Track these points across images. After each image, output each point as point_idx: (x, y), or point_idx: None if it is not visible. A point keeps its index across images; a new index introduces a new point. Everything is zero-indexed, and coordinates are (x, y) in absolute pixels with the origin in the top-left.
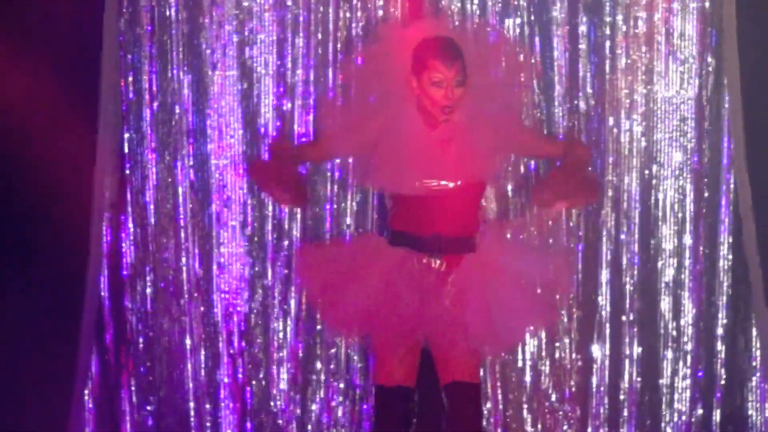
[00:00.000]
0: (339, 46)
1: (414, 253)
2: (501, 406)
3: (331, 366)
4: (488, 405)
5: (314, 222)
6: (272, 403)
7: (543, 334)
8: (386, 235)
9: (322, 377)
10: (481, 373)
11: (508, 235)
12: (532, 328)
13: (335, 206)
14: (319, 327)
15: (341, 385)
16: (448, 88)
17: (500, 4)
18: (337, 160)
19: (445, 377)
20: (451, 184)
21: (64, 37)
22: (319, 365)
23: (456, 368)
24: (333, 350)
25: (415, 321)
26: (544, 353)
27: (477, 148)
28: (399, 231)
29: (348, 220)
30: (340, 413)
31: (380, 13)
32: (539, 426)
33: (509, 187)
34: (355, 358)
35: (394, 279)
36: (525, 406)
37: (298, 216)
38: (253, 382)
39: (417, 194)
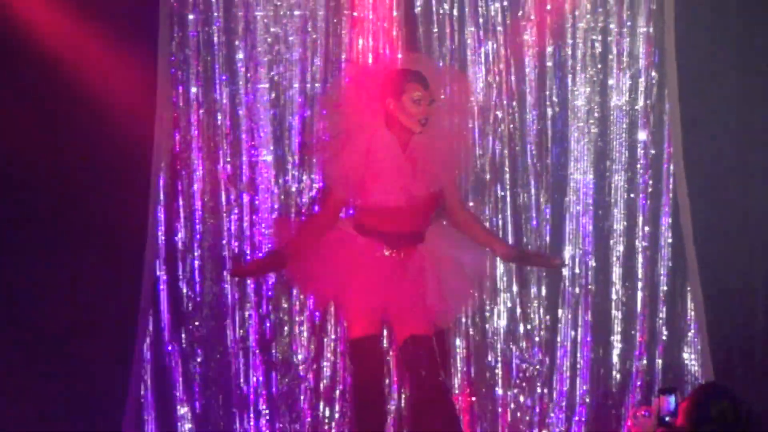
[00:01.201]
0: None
1: (379, 243)
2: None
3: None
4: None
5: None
6: (294, 358)
7: (517, 300)
8: (352, 223)
9: (333, 336)
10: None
11: (446, 230)
12: (468, 301)
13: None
14: None
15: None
16: (424, 105)
17: (481, 31)
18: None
19: (404, 333)
20: (420, 189)
21: (128, 57)
22: (329, 326)
23: (413, 326)
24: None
25: (380, 297)
26: (518, 315)
27: (436, 162)
28: (367, 227)
29: None
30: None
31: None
32: (515, 375)
33: None
34: None
35: (362, 263)
36: (501, 357)
37: (311, 194)
38: (278, 338)
39: (397, 205)
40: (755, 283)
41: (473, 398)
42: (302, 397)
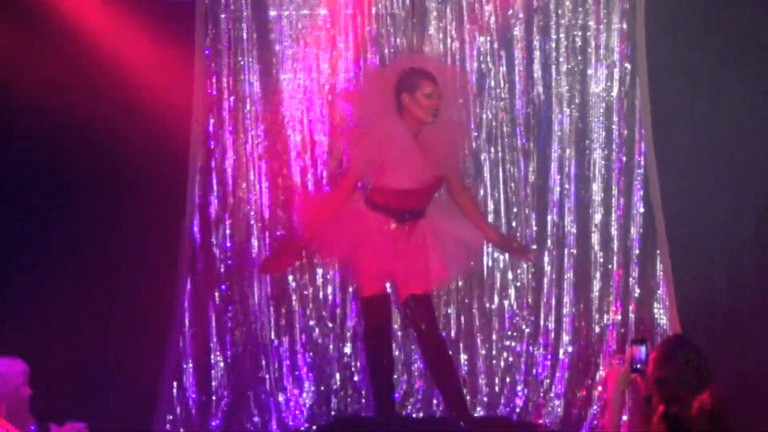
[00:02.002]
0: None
1: (386, 218)
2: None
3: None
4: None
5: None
6: (321, 311)
7: (509, 263)
8: (364, 198)
9: (350, 289)
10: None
11: (445, 206)
12: (468, 264)
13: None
14: None
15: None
16: (435, 98)
17: (475, 27)
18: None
19: (405, 293)
20: (431, 173)
21: (169, 52)
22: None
23: (413, 287)
24: None
25: (385, 263)
26: (509, 276)
27: (442, 149)
28: (377, 203)
29: None
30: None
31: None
32: (506, 327)
33: None
34: None
35: (371, 234)
36: (496, 312)
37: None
38: (305, 296)
39: (410, 187)
40: (717, 246)
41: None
42: (331, 346)
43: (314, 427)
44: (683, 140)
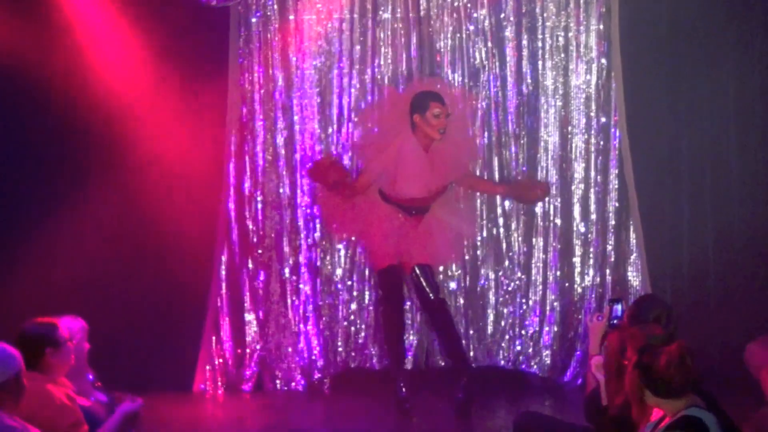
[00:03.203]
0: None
1: (397, 210)
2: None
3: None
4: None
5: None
6: (333, 277)
7: (501, 231)
8: (378, 191)
9: (357, 266)
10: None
11: (446, 201)
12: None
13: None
14: None
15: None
16: (443, 118)
17: (471, 29)
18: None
19: (411, 263)
20: (439, 183)
21: (207, 50)
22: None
23: (417, 259)
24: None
25: (395, 246)
26: (504, 246)
27: (451, 161)
28: (389, 197)
29: None
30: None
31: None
32: (500, 290)
33: None
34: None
35: (383, 219)
36: (493, 277)
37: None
38: (322, 264)
39: (419, 196)
40: (683, 216)
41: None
42: (340, 307)
43: (326, 379)
44: (653, 125)
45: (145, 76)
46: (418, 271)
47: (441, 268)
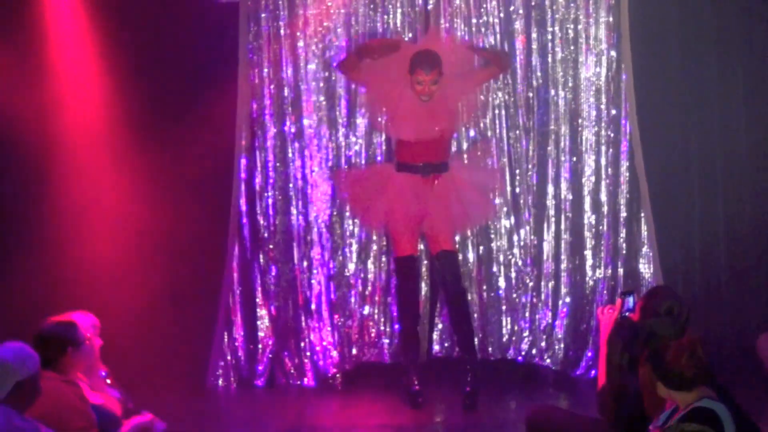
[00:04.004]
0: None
1: (413, 175)
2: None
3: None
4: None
5: (354, 154)
6: (345, 270)
7: (513, 224)
8: (394, 164)
9: (370, 260)
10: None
11: (465, 160)
12: (487, 212)
13: (367, 144)
14: None
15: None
16: (425, 86)
17: (481, 22)
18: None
19: (436, 248)
20: (434, 131)
21: (217, 46)
22: (375, 246)
23: (442, 242)
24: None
25: (417, 215)
26: (515, 238)
27: (448, 110)
28: (402, 162)
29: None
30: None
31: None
32: (512, 281)
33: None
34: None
35: (402, 191)
36: (503, 268)
37: (356, 149)
38: (334, 258)
39: (415, 139)
40: (695, 209)
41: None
42: (352, 300)
43: (339, 374)
44: (663, 117)
45: (157, 72)
46: (442, 258)
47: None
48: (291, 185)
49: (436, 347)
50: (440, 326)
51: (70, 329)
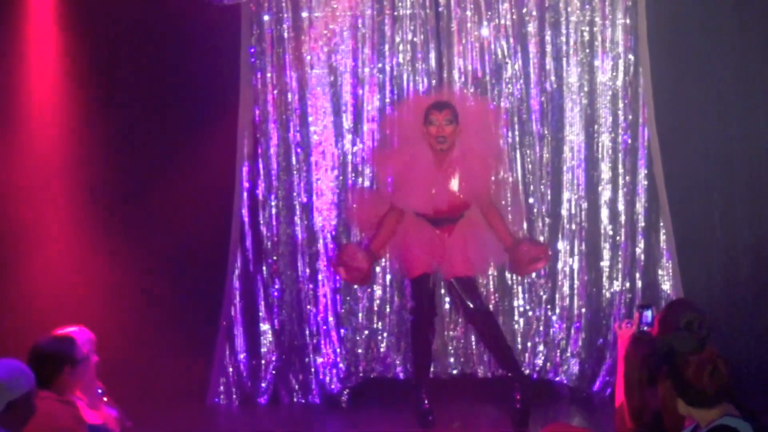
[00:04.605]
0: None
1: (425, 222)
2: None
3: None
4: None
5: (362, 162)
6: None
7: (526, 235)
8: None
9: (377, 269)
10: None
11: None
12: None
13: None
14: None
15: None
16: (440, 126)
17: (493, 25)
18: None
19: (450, 275)
20: (449, 199)
21: (218, 50)
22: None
23: (457, 270)
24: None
25: (429, 258)
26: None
27: (470, 176)
28: (418, 212)
29: None
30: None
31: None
32: (526, 295)
33: None
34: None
35: (418, 231)
36: (516, 281)
37: (363, 156)
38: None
39: (424, 212)
40: (715, 216)
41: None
42: (360, 314)
43: (346, 391)
44: (682, 122)
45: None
46: (458, 285)
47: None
48: (295, 194)
49: (450, 361)
50: (454, 343)
51: (67, 346)
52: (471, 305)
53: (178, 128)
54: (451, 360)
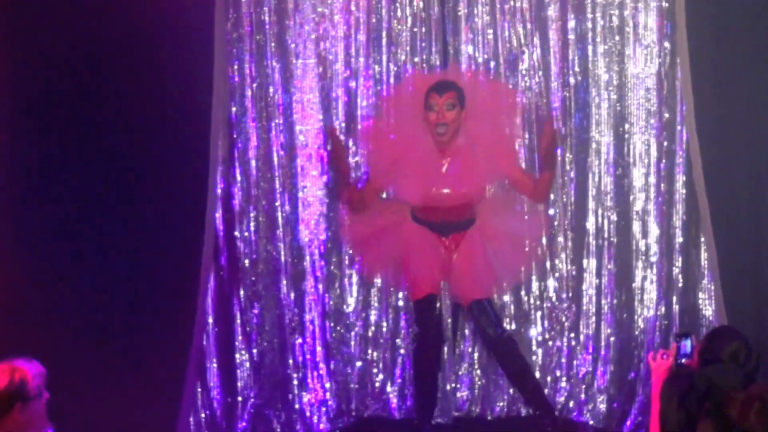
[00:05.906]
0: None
1: (430, 232)
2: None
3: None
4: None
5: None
6: (344, 307)
7: (546, 252)
8: (408, 209)
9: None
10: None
11: (499, 203)
12: (522, 269)
13: None
14: None
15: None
16: (440, 112)
17: (508, 8)
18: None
19: (467, 299)
20: (449, 191)
21: (187, 36)
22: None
23: (473, 292)
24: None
25: (434, 274)
26: (548, 266)
27: (473, 168)
28: (418, 217)
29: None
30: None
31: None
32: (545, 322)
33: None
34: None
35: (421, 243)
36: (535, 304)
37: (357, 159)
38: (330, 292)
39: (423, 205)
40: (764, 230)
41: None
42: (352, 343)
43: (337, 430)
44: (726, 122)
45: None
46: (475, 311)
47: None
48: (278, 204)
49: (460, 396)
50: (464, 379)
51: (17, 381)
52: (489, 332)
53: (140, 129)
54: (461, 395)
